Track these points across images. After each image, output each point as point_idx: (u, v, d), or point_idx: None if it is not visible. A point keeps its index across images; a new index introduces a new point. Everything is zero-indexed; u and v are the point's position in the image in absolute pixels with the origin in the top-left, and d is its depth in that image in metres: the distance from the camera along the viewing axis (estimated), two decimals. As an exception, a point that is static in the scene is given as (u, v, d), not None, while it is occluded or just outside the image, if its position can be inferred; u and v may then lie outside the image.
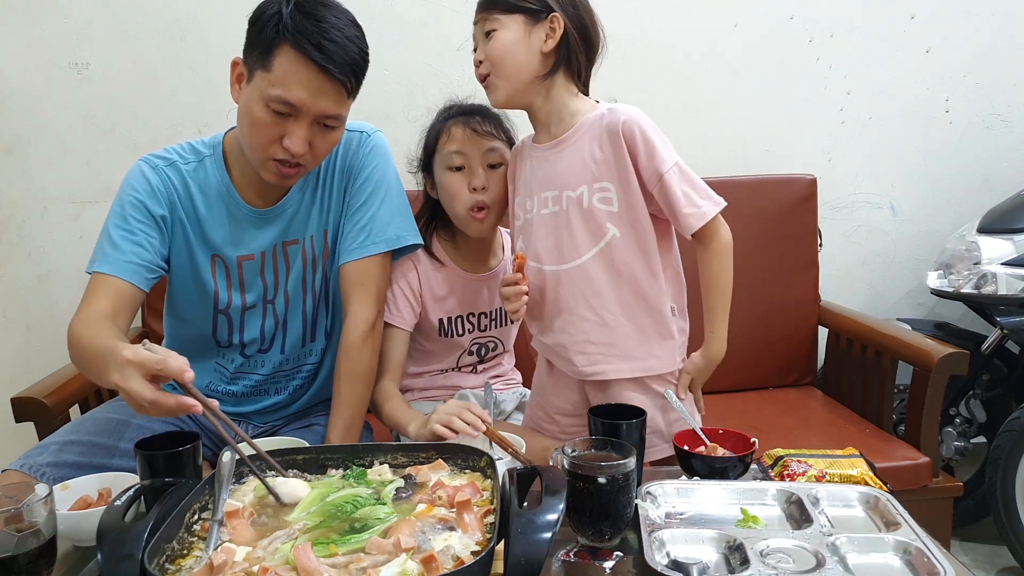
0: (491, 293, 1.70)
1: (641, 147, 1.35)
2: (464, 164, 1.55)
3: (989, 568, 2.17)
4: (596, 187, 1.38)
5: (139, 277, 1.41)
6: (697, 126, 2.43)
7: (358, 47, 1.33)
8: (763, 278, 1.94)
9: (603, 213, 1.38)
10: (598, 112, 1.39)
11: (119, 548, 0.84)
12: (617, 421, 1.18)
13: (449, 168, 1.55)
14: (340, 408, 1.44)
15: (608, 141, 1.36)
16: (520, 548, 0.83)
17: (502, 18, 1.33)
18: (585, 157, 1.38)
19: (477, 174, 1.54)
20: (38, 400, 1.66)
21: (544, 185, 1.42)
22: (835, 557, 0.95)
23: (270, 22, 1.29)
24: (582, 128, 1.39)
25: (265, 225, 1.50)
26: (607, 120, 1.36)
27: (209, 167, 1.49)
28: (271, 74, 1.30)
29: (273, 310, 1.54)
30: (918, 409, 1.92)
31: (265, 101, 1.31)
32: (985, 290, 2.14)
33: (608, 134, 1.36)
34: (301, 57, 1.28)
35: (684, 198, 1.35)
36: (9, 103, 2.23)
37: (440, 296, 1.65)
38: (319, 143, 1.37)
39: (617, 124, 1.35)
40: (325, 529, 0.95)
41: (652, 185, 1.36)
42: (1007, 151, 2.55)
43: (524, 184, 1.47)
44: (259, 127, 1.33)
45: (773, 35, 2.42)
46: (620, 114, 1.36)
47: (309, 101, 1.31)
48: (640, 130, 1.35)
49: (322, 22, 1.29)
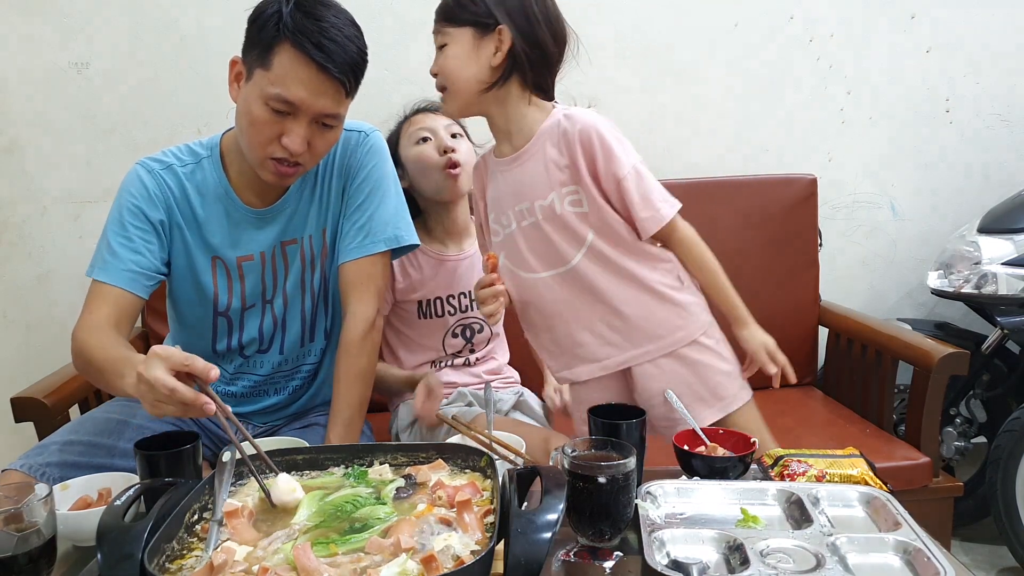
0: (468, 275, 1.77)
1: (599, 153, 1.34)
2: (429, 135, 1.75)
3: (989, 568, 2.17)
4: (564, 192, 1.37)
5: (138, 285, 1.42)
6: (697, 126, 2.43)
7: (357, 47, 1.34)
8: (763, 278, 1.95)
9: (577, 215, 1.38)
10: (555, 119, 1.38)
11: (119, 548, 0.84)
12: (617, 421, 1.18)
13: (416, 143, 1.75)
14: (340, 407, 1.44)
15: (566, 147, 1.36)
16: (520, 548, 0.83)
17: (452, 31, 1.34)
18: (548, 164, 1.37)
19: (443, 137, 1.74)
20: (38, 400, 1.66)
21: (515, 199, 1.41)
22: (835, 557, 0.95)
23: (270, 21, 1.29)
24: (541, 136, 1.38)
25: (264, 225, 1.50)
26: (564, 126, 1.36)
27: (207, 168, 1.49)
28: (271, 72, 1.30)
29: (272, 310, 1.54)
30: (918, 409, 1.92)
31: (264, 99, 1.31)
32: (985, 290, 2.14)
33: (566, 141, 1.36)
34: (301, 56, 1.28)
35: (641, 202, 1.35)
36: (9, 103, 2.23)
37: (416, 279, 1.73)
38: (317, 142, 1.37)
39: (574, 131, 1.35)
40: (325, 529, 0.95)
41: (610, 190, 1.36)
42: (1007, 151, 2.55)
43: (495, 201, 1.46)
44: (258, 125, 1.34)
45: (773, 35, 2.42)
46: (576, 121, 1.36)
47: (308, 100, 1.31)
48: (598, 135, 1.34)
49: (322, 21, 1.29)
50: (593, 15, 2.33)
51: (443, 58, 1.35)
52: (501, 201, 1.44)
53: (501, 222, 1.45)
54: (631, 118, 2.40)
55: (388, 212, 1.52)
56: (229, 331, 1.54)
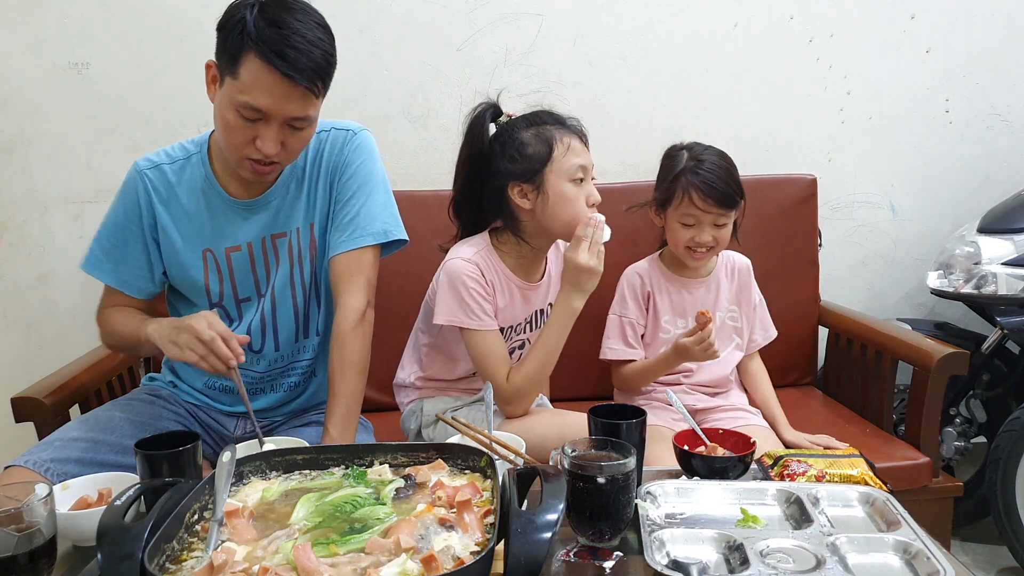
0: (534, 302, 1.71)
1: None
2: (583, 176, 1.59)
3: (989, 568, 2.17)
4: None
5: (143, 292, 1.59)
6: (697, 126, 2.43)
7: (321, 50, 1.35)
8: (763, 278, 1.95)
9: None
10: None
11: (119, 548, 0.84)
12: (617, 421, 1.18)
13: (572, 180, 1.57)
14: (336, 398, 1.46)
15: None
16: (520, 548, 0.83)
17: (729, 214, 1.77)
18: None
19: (593, 189, 1.61)
20: (38, 400, 1.66)
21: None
22: (835, 557, 0.96)
23: (235, 29, 1.32)
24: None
25: (250, 216, 1.53)
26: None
27: (195, 164, 1.54)
28: (239, 81, 1.33)
29: (264, 304, 1.57)
30: (918, 409, 1.92)
31: (235, 107, 1.35)
32: (985, 290, 2.14)
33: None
34: (265, 65, 1.31)
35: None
36: (9, 103, 2.23)
37: (501, 307, 1.66)
38: (291, 142, 1.41)
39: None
40: (325, 529, 0.95)
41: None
42: (1007, 151, 2.55)
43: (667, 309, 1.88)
44: (232, 130, 1.38)
45: (773, 35, 2.41)
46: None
47: (275, 107, 1.34)
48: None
49: (284, 28, 1.31)
50: (593, 15, 2.34)
51: (721, 233, 1.78)
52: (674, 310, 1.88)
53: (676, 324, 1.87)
54: (631, 118, 2.41)
55: (376, 207, 1.54)
56: (228, 323, 1.57)
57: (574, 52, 2.35)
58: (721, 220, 1.76)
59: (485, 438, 1.27)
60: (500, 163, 1.60)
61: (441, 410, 1.69)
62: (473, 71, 2.32)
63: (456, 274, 1.60)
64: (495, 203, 1.63)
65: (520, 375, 1.59)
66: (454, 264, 1.61)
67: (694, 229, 1.76)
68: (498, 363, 1.60)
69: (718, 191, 1.74)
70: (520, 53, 2.33)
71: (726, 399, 1.88)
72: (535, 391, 1.64)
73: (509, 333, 1.70)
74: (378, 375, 1.78)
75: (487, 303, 1.61)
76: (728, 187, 1.75)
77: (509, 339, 1.70)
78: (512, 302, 1.67)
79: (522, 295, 1.68)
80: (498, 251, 1.67)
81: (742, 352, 1.93)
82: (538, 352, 1.59)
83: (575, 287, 1.56)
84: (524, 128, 1.61)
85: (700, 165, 1.76)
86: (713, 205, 1.74)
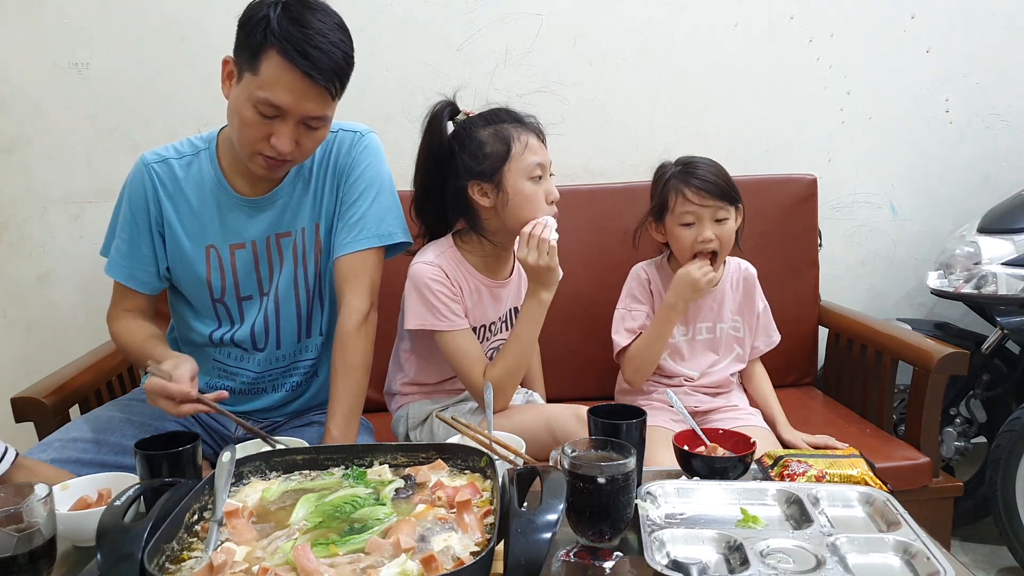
0: (505, 300, 1.72)
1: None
2: (541, 173, 1.60)
3: (989, 568, 2.17)
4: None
5: (150, 287, 1.58)
6: (697, 126, 2.43)
7: (342, 51, 1.37)
8: (763, 278, 1.94)
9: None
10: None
11: (119, 548, 0.84)
12: (617, 421, 1.18)
13: (530, 178, 1.58)
14: (338, 398, 1.46)
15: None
16: (520, 548, 0.83)
17: (731, 209, 1.75)
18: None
19: (551, 186, 1.62)
20: (38, 400, 1.66)
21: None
22: (835, 557, 0.96)
23: (258, 26, 1.33)
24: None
25: (256, 214, 1.53)
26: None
27: (203, 160, 1.54)
28: (258, 77, 1.34)
29: (268, 303, 1.57)
30: (918, 409, 1.92)
31: (253, 103, 1.35)
32: (985, 290, 2.14)
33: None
34: (287, 63, 1.32)
35: None
36: (9, 103, 2.23)
37: (470, 307, 1.66)
38: (305, 141, 1.42)
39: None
40: (325, 529, 0.95)
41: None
42: (1007, 151, 2.54)
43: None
44: (247, 126, 1.38)
45: (773, 35, 2.41)
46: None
47: (294, 104, 1.35)
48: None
49: (307, 28, 1.32)
50: (593, 15, 2.33)
51: (723, 230, 1.74)
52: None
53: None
54: (631, 118, 2.41)
55: (381, 210, 1.55)
56: (229, 321, 1.57)
57: (574, 52, 2.35)
58: (720, 215, 1.74)
59: (485, 438, 1.27)
60: (459, 162, 1.60)
61: (426, 413, 1.69)
62: (473, 71, 2.32)
63: (419, 278, 1.60)
64: (456, 202, 1.64)
65: (496, 370, 1.59)
66: (417, 269, 1.62)
67: (695, 228, 1.75)
68: (472, 361, 1.60)
69: (710, 182, 1.73)
70: (520, 53, 2.33)
71: (727, 400, 1.88)
72: (512, 386, 1.63)
73: (484, 334, 1.70)
74: (380, 376, 1.78)
75: (455, 303, 1.61)
76: (720, 179, 1.74)
77: (486, 340, 1.70)
78: (481, 301, 1.67)
79: (491, 293, 1.69)
80: (462, 251, 1.67)
81: (743, 363, 1.91)
82: (512, 347, 1.60)
83: (537, 283, 1.58)
84: (482, 127, 1.61)
85: (688, 166, 1.77)
86: (708, 197, 1.72)
